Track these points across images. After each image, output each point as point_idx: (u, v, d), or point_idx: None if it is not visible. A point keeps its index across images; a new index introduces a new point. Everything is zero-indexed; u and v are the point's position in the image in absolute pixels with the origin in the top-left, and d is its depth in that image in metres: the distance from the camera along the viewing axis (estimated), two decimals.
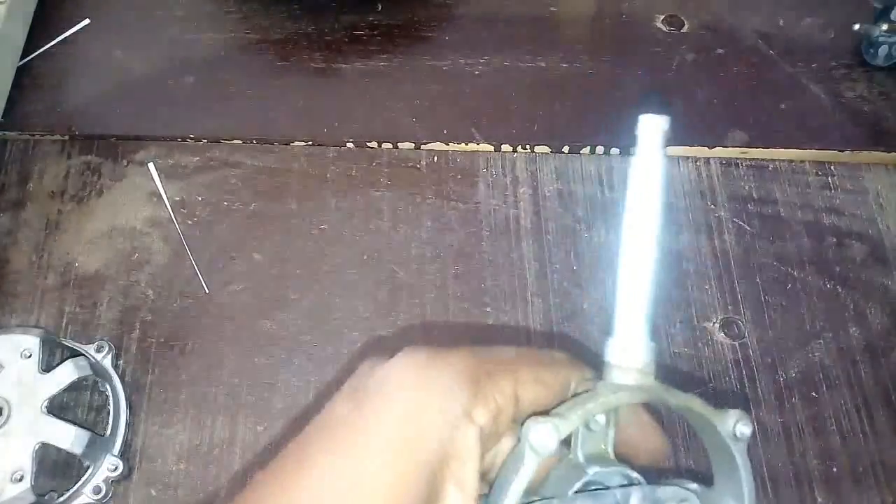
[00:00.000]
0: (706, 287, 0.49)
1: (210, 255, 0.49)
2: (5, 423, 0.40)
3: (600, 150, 0.53)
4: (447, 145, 0.54)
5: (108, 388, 0.44)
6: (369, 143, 0.54)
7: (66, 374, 0.42)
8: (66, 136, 0.53)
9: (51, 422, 0.41)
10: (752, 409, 0.45)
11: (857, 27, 0.55)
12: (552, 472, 0.26)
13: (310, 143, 0.54)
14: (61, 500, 0.41)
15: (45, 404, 0.41)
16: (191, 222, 0.51)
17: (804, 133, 0.54)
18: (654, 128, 0.25)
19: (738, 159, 0.54)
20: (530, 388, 0.24)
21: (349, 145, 0.54)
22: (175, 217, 0.50)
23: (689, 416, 0.25)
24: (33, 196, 0.51)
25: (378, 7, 0.60)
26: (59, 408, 0.43)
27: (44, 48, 0.56)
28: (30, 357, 0.42)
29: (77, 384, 0.43)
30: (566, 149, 0.54)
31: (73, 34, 0.57)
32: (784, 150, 0.54)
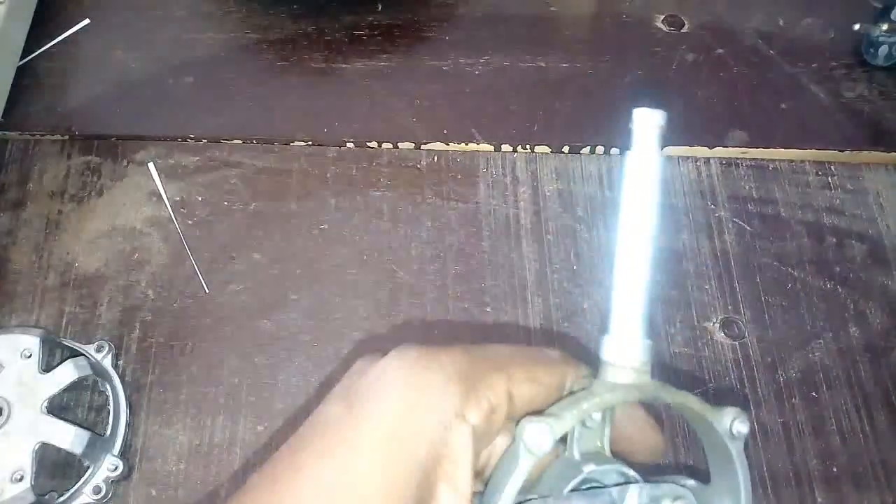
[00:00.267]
0: (706, 287, 0.49)
1: (210, 255, 0.49)
2: (5, 423, 0.40)
3: (600, 150, 0.53)
4: (447, 145, 0.54)
5: (108, 388, 0.44)
6: (369, 143, 0.54)
7: (66, 374, 0.42)
8: (66, 136, 0.53)
9: (51, 422, 0.41)
10: (752, 409, 0.45)
11: (857, 27, 0.55)
12: (548, 469, 0.25)
13: (310, 143, 0.54)
14: (61, 500, 0.41)
15: (45, 404, 0.41)
16: (191, 222, 0.51)
17: (804, 133, 0.54)
18: (649, 123, 0.24)
19: (738, 159, 0.54)
20: (524, 386, 0.24)
21: (349, 145, 0.54)
22: (175, 217, 0.50)
23: (685, 413, 0.25)
24: (33, 196, 0.51)
25: (378, 7, 0.60)
26: (59, 408, 0.43)
27: (44, 48, 0.56)
28: (30, 357, 0.42)
29: (77, 384, 0.43)
30: (566, 149, 0.54)
31: (73, 34, 0.57)
32: (784, 150, 0.54)
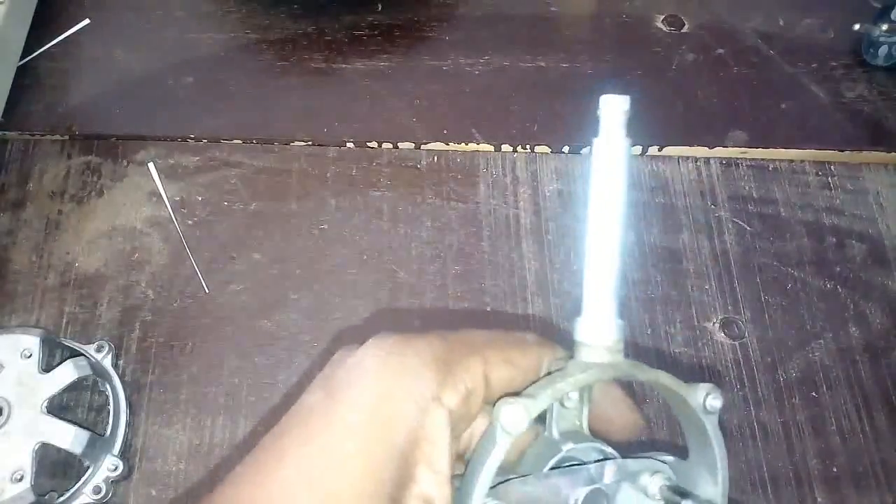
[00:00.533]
0: (706, 287, 0.49)
1: (210, 255, 0.49)
2: (5, 423, 0.40)
3: None
4: (447, 145, 0.54)
5: (108, 388, 0.44)
6: (369, 143, 0.54)
7: (66, 374, 0.42)
8: (66, 136, 0.53)
9: (51, 422, 0.41)
10: (752, 409, 0.45)
11: (857, 27, 0.55)
12: (528, 449, 0.26)
13: (310, 143, 0.54)
14: (61, 500, 0.41)
15: (45, 404, 0.41)
16: (191, 222, 0.51)
17: (804, 133, 0.54)
18: (615, 108, 0.25)
19: (738, 159, 0.54)
20: (500, 369, 0.25)
21: (349, 145, 0.54)
22: (175, 217, 0.50)
23: (661, 390, 0.26)
24: (33, 196, 0.51)
25: (378, 7, 0.60)
26: (59, 408, 0.43)
27: (44, 48, 0.56)
28: (30, 357, 0.42)
29: (77, 384, 0.43)
30: (566, 149, 0.54)
31: (73, 34, 0.57)
32: (784, 150, 0.54)
